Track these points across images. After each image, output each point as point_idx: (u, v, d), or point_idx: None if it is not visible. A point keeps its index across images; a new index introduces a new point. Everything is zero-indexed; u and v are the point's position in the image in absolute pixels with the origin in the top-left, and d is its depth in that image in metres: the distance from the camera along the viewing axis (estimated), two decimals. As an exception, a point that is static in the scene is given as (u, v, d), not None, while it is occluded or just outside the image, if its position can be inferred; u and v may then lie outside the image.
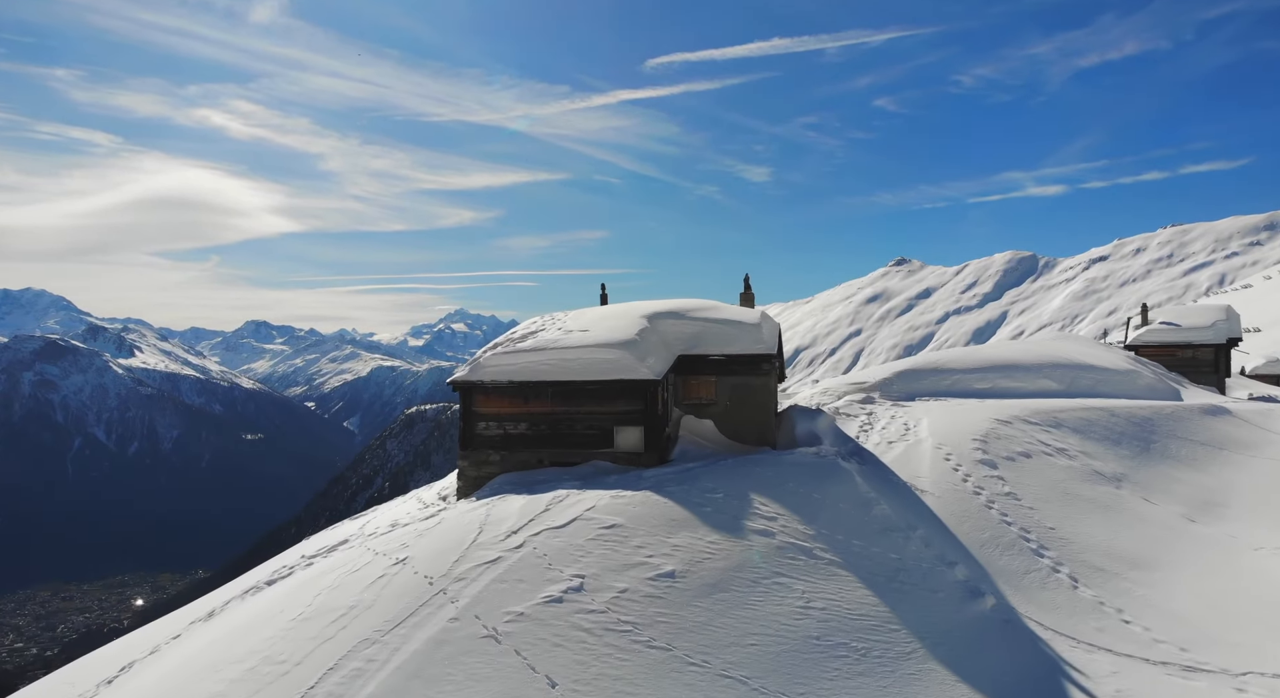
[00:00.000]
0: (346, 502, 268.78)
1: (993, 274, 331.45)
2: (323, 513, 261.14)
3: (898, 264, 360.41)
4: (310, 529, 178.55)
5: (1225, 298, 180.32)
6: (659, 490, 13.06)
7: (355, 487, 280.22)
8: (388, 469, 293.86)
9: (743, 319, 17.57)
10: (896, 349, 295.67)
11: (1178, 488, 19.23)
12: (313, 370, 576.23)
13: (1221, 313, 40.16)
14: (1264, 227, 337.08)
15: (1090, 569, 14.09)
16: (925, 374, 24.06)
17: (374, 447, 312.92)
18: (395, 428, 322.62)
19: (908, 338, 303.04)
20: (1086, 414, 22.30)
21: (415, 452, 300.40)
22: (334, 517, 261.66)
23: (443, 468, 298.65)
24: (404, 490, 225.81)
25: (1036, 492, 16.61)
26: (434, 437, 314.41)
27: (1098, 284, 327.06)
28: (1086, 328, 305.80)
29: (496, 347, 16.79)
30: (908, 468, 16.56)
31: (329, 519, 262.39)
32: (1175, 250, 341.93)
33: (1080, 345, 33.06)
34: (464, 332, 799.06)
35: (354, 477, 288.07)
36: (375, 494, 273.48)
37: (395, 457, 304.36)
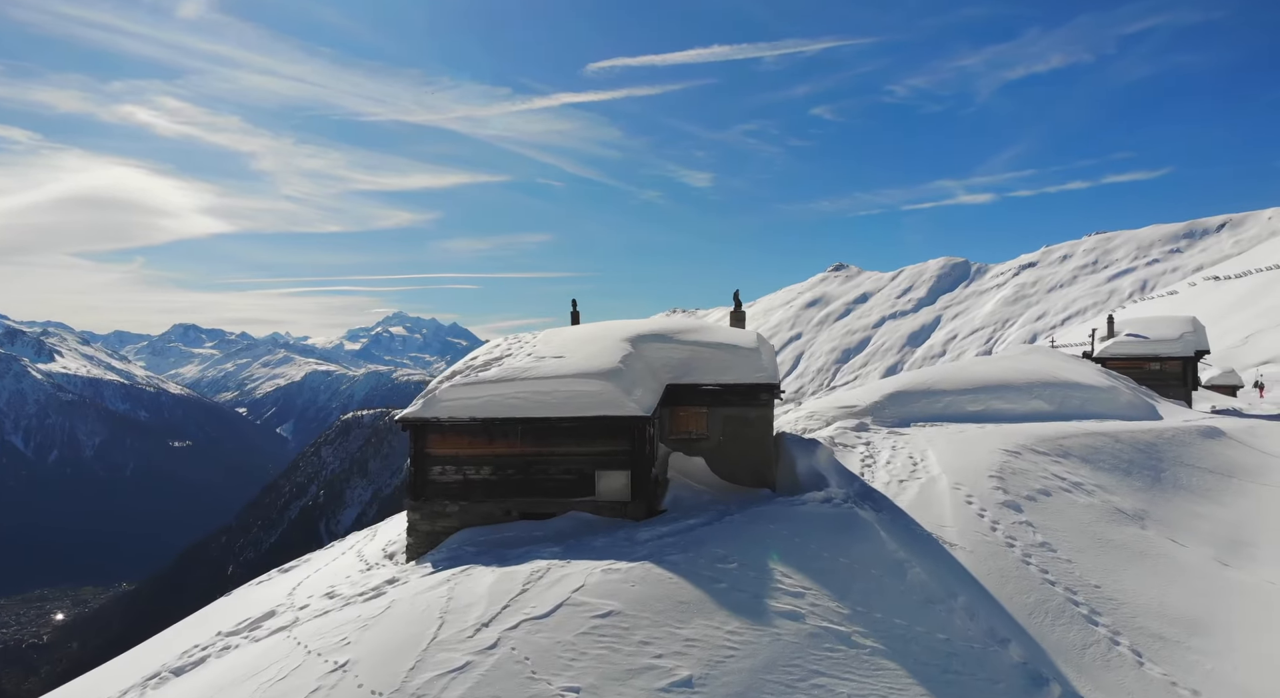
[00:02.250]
0: (279, 510, 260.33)
1: (927, 280, 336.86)
2: (254, 522, 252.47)
3: (836, 269, 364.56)
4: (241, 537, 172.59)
5: (1151, 304, 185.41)
6: (660, 561, 10.77)
7: (289, 495, 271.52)
8: (322, 477, 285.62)
9: (738, 343, 15.37)
10: (835, 353, 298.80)
11: (1200, 525, 17.69)
12: (244, 375, 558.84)
13: (1188, 325, 39.48)
14: (1183, 235, 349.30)
15: (1149, 638, 12.24)
16: (917, 396, 22.24)
17: (308, 454, 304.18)
18: (331, 435, 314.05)
19: (845, 342, 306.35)
20: (1091, 441, 20.70)
21: (351, 459, 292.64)
22: (267, 526, 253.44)
23: (379, 475, 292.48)
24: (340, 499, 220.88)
25: (1068, 539, 14.78)
26: (371, 444, 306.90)
27: (1027, 290, 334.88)
28: (1016, 332, 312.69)
29: (454, 376, 14.30)
30: (929, 514, 14.57)
31: (261, 528, 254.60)
32: (1100, 257, 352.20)
33: (1057, 360, 31.76)
34: (402, 335, 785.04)
35: (287, 485, 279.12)
36: (310, 503, 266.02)
37: (330, 464, 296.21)
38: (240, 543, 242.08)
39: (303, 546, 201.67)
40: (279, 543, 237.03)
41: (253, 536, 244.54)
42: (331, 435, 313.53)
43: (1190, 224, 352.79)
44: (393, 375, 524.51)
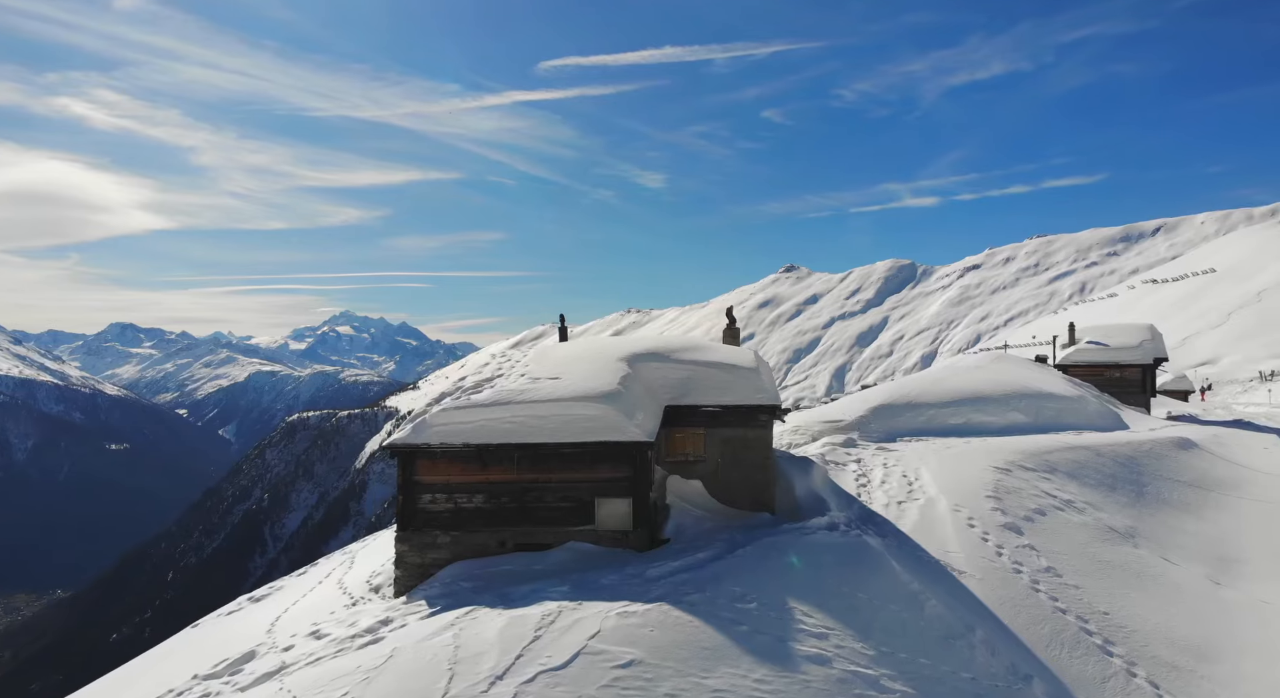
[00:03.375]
0: (222, 515, 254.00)
1: (875, 281, 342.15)
2: (196, 526, 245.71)
3: (787, 271, 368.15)
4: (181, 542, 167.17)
5: (1092, 306, 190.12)
6: (677, 602, 10.21)
7: (231, 499, 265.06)
8: (267, 480, 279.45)
9: (737, 362, 14.90)
10: (787, 353, 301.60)
11: (1186, 541, 17.74)
12: (185, 376, 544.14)
13: (1147, 333, 40.17)
14: (1120, 238, 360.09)
15: (1162, 667, 12.07)
16: (900, 410, 22.06)
17: (252, 456, 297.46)
18: (275, 437, 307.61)
19: (797, 342, 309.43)
20: (1074, 455, 20.71)
21: (297, 462, 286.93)
22: (208, 531, 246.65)
23: (326, 478, 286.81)
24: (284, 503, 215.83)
25: (1070, 562, 14.62)
26: (317, 446, 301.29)
27: (971, 291, 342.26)
28: (961, 333, 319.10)
29: (442, 398, 13.56)
30: (933, 539, 14.27)
31: (203, 533, 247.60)
32: (1041, 260, 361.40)
33: (1025, 369, 31.97)
34: (350, 334, 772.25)
35: (230, 488, 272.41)
36: (253, 507, 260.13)
37: (275, 467, 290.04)
38: (181, 548, 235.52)
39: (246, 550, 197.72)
40: (221, 548, 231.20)
41: (194, 541, 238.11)
42: (276, 438, 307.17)
43: (1127, 228, 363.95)
44: (340, 376, 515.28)
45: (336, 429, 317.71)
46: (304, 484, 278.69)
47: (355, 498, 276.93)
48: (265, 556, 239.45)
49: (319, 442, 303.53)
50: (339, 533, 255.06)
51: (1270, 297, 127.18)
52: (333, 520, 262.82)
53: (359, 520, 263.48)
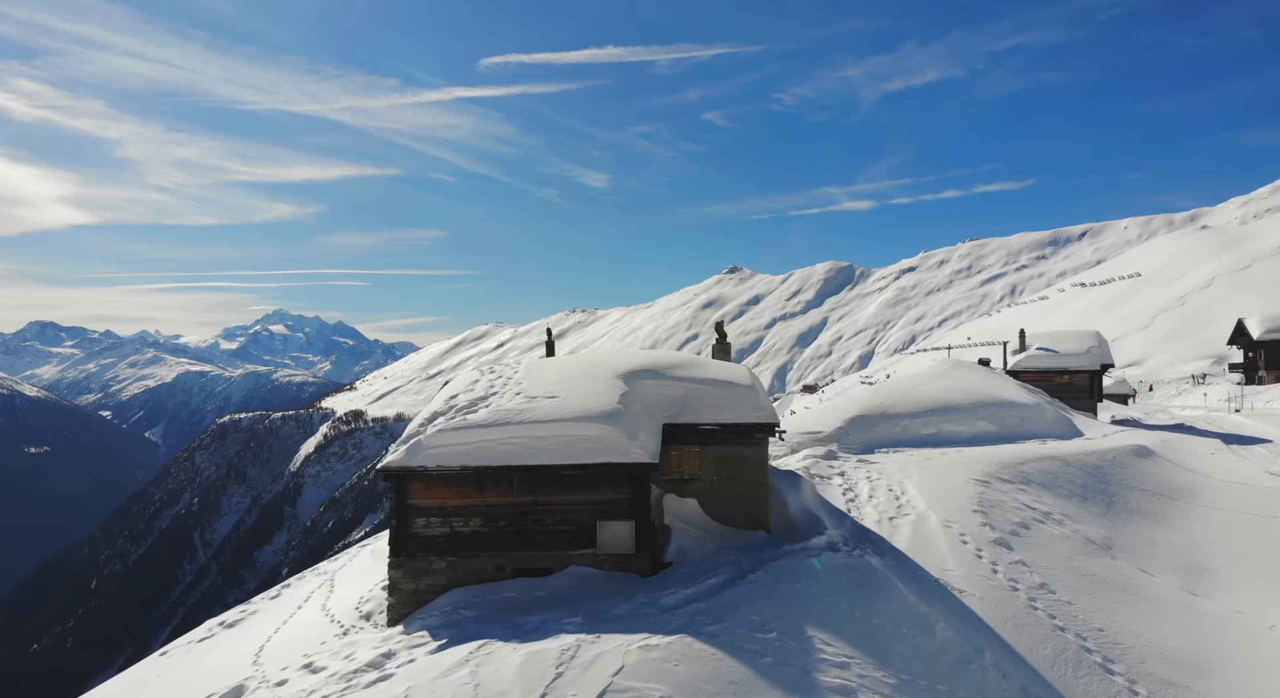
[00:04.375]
0: (149, 520, 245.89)
1: (815, 283, 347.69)
2: (121, 532, 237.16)
3: (730, 272, 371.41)
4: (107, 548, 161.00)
5: (1023, 309, 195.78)
6: (697, 633, 9.96)
7: (159, 503, 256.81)
8: (197, 484, 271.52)
9: (734, 379, 14.73)
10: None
11: (1159, 551, 18.14)
12: (109, 376, 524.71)
13: (1094, 339, 41.32)
14: (1048, 242, 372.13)
15: (1160, 684, 12.23)
16: (875, 421, 22.20)
17: (181, 459, 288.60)
18: (205, 439, 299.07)
19: (740, 342, 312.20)
20: (1045, 465, 21.09)
21: (229, 465, 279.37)
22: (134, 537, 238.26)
23: (259, 481, 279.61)
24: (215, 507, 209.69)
25: (1061, 577, 14.79)
26: (249, 448, 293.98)
27: (907, 293, 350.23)
28: (897, 334, 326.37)
29: (435, 419, 13.12)
30: (930, 556, 14.29)
31: (129, 539, 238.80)
32: (974, 262, 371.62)
33: (985, 376, 32.56)
34: (284, 334, 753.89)
35: (157, 493, 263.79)
36: (183, 512, 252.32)
37: (206, 470, 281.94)
38: (105, 555, 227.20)
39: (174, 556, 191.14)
40: (148, 555, 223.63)
41: (119, 547, 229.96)
42: (206, 440, 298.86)
43: (1055, 232, 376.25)
44: (273, 376, 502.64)
45: (270, 431, 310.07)
46: (236, 488, 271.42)
47: (290, 502, 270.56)
48: (195, 562, 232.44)
49: (251, 444, 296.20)
50: (273, 538, 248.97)
51: (1192, 300, 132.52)
52: (266, 525, 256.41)
53: (294, 525, 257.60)
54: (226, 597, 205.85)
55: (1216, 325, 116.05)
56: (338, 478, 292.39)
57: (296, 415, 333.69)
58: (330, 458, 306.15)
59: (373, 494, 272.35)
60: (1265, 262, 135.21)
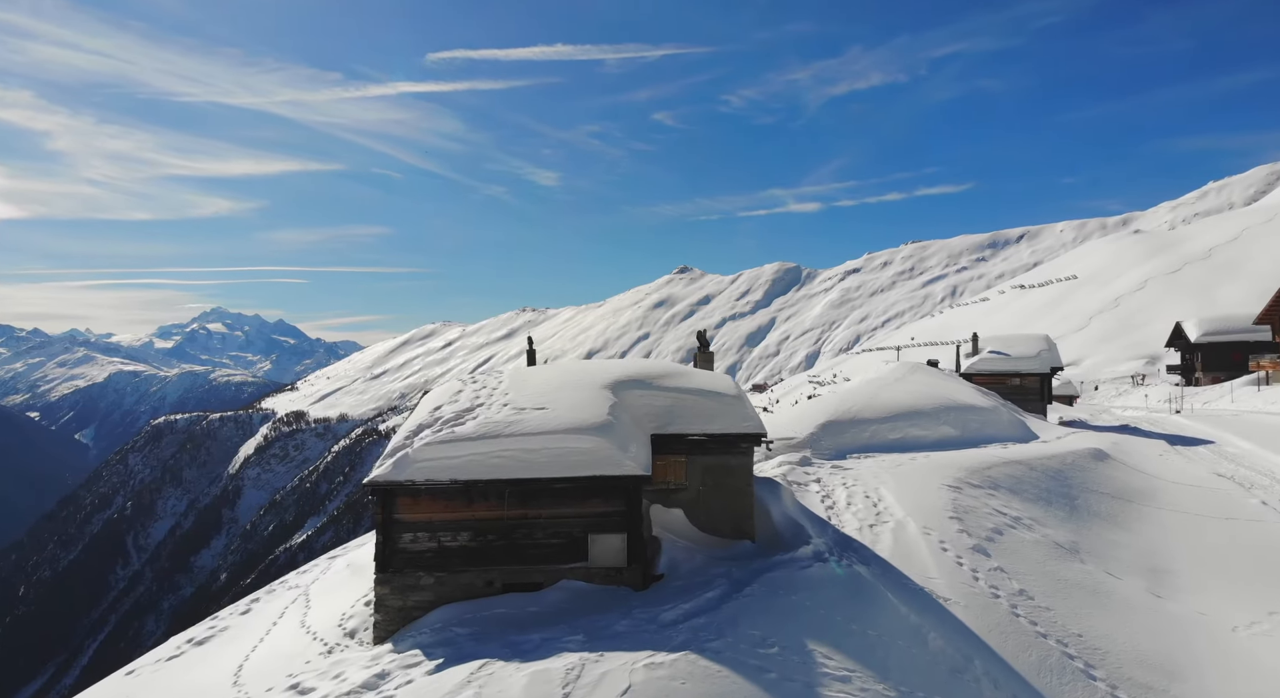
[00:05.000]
0: (79, 524, 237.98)
1: (763, 283, 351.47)
2: (50, 537, 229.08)
3: (680, 272, 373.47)
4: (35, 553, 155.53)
5: (964, 310, 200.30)
6: (700, 649, 9.91)
7: (90, 507, 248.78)
8: (130, 487, 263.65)
9: (721, 389, 14.72)
10: (681, 353, 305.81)
11: (1122, 554, 18.63)
12: (36, 376, 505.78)
13: (1044, 343, 42.40)
14: (987, 245, 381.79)
15: (1139, 689, 12.54)
16: (845, 426, 22.45)
17: (113, 462, 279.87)
18: (139, 441, 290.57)
19: (690, 341, 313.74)
20: (1010, 470, 21.54)
21: (164, 467, 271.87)
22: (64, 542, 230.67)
23: (196, 484, 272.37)
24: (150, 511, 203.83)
25: (1037, 583, 15.09)
26: (186, 450, 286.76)
27: (852, 294, 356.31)
28: (842, 334, 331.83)
29: (421, 431, 12.85)
30: (913, 565, 14.46)
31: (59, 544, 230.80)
32: (916, 264, 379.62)
33: (943, 380, 33.17)
34: (221, 332, 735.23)
35: (88, 496, 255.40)
36: (115, 516, 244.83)
37: (139, 473, 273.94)
38: (34, 561, 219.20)
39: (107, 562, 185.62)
40: (79, 560, 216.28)
41: (48, 553, 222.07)
42: (140, 442, 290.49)
43: (994, 235, 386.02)
44: (210, 376, 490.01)
45: (207, 432, 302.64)
46: (171, 491, 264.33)
47: (229, 505, 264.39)
48: (128, 567, 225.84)
49: (188, 446, 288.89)
50: (210, 543, 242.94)
51: (1126, 302, 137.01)
52: (204, 529, 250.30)
53: (233, 529, 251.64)
54: (161, 604, 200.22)
55: (1150, 327, 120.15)
56: (278, 480, 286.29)
57: (235, 416, 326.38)
58: (271, 460, 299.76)
59: (315, 497, 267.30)
60: (1195, 265, 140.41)
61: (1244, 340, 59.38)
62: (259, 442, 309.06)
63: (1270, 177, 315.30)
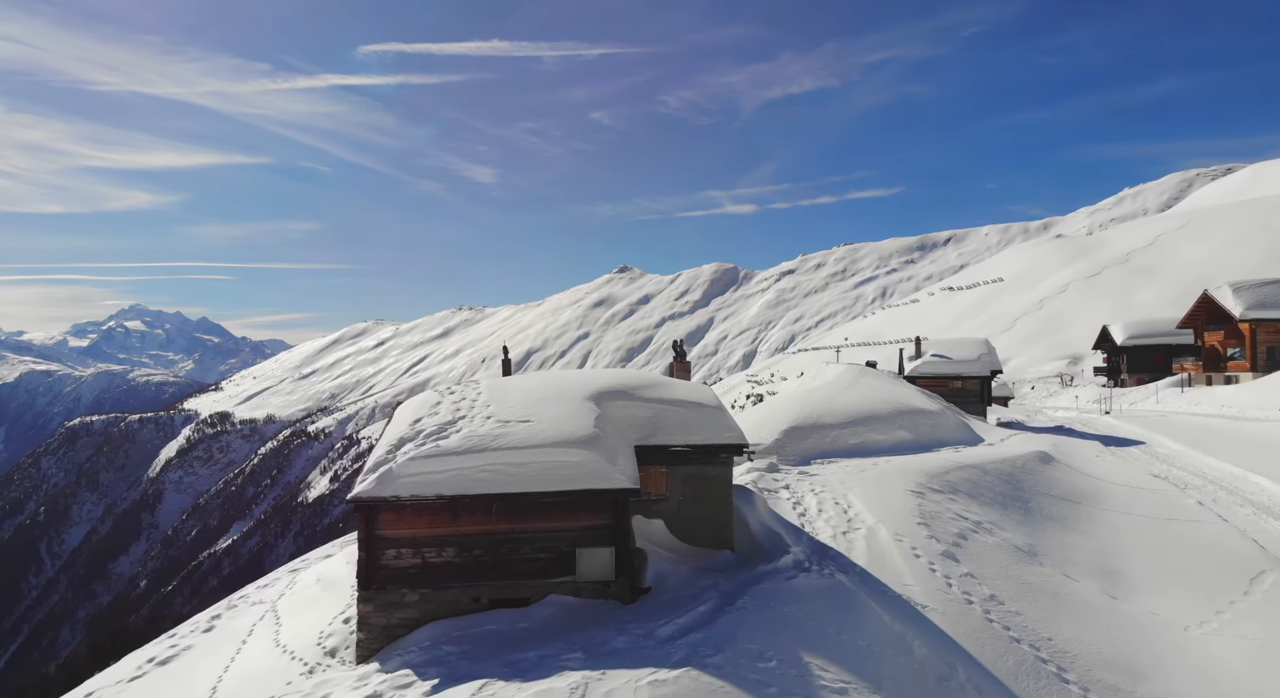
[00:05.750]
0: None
1: (701, 283, 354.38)
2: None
3: (620, 271, 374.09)
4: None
5: (895, 311, 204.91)
6: (701, 665, 9.91)
7: (1, 513, 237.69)
8: (43, 492, 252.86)
9: (702, 400, 14.76)
10: (620, 352, 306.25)
11: (1076, 556, 19.25)
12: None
13: (984, 347, 43.63)
14: (916, 247, 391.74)
15: (1109, 691, 12.97)
16: (808, 431, 22.76)
17: (24, 466, 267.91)
18: (53, 443, 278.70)
19: (630, 341, 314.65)
20: (967, 474, 22.10)
21: (79, 471, 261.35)
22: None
23: (113, 488, 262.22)
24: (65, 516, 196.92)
25: (1004, 587, 15.51)
26: (103, 453, 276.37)
27: (787, 294, 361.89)
28: (778, 333, 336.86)
29: (403, 445, 12.59)
30: (888, 572, 14.73)
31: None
32: (848, 266, 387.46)
33: (890, 383, 33.87)
34: (141, 330, 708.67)
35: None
36: (27, 521, 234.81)
37: (53, 477, 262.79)
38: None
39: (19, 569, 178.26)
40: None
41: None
42: (54, 445, 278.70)
43: (922, 238, 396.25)
44: (129, 376, 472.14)
45: (126, 435, 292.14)
46: (87, 495, 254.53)
47: (148, 510, 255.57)
48: (41, 575, 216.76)
49: (105, 448, 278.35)
50: (129, 549, 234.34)
51: (1050, 304, 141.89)
52: (122, 535, 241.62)
53: (153, 534, 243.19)
54: (77, 612, 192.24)
55: (1073, 329, 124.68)
56: (202, 484, 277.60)
57: (156, 418, 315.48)
58: (194, 463, 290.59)
59: (240, 500, 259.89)
60: (1114, 269, 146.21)
61: (1167, 344, 62.13)
62: (181, 444, 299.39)
63: (1182, 183, 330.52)
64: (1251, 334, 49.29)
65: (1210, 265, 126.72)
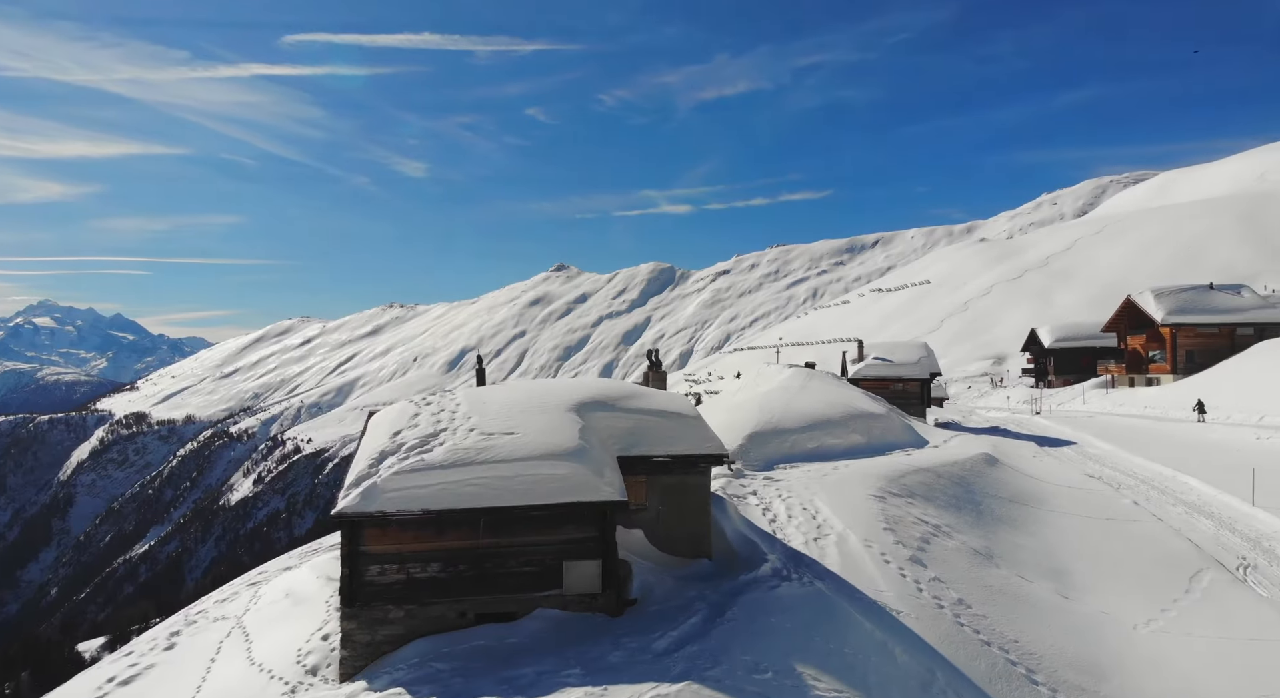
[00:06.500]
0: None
1: (639, 282, 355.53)
2: None
3: (558, 269, 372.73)
4: None
5: (826, 312, 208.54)
6: (700, 678, 9.98)
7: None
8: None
9: (681, 411, 14.85)
10: (557, 350, 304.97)
11: (1027, 557, 19.93)
12: None
13: (923, 350, 44.80)
14: (845, 249, 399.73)
15: (1074, 691, 13.46)
16: (769, 437, 23.09)
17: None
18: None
19: (567, 340, 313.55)
20: (921, 478, 22.68)
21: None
22: None
23: (21, 491, 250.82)
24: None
25: (969, 590, 15.96)
26: (10, 455, 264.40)
27: (722, 294, 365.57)
28: (714, 333, 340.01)
29: (384, 458, 12.36)
30: (862, 578, 15.03)
31: None
32: (781, 267, 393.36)
33: (839, 387, 34.52)
34: (50, 327, 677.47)
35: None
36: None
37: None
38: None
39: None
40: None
41: None
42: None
43: (851, 240, 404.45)
44: (38, 375, 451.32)
45: (34, 436, 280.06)
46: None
47: (59, 514, 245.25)
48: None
49: (12, 451, 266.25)
50: (39, 555, 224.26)
51: (974, 306, 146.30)
52: (32, 541, 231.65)
53: (64, 540, 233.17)
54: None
55: (996, 329, 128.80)
56: (116, 487, 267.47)
57: (67, 418, 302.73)
58: (108, 465, 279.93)
59: (158, 504, 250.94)
60: (1035, 272, 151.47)
61: (1092, 346, 64.75)
62: (94, 446, 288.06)
63: (1097, 189, 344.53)
64: (1172, 338, 51.75)
65: (1124, 270, 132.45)
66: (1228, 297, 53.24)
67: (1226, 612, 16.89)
